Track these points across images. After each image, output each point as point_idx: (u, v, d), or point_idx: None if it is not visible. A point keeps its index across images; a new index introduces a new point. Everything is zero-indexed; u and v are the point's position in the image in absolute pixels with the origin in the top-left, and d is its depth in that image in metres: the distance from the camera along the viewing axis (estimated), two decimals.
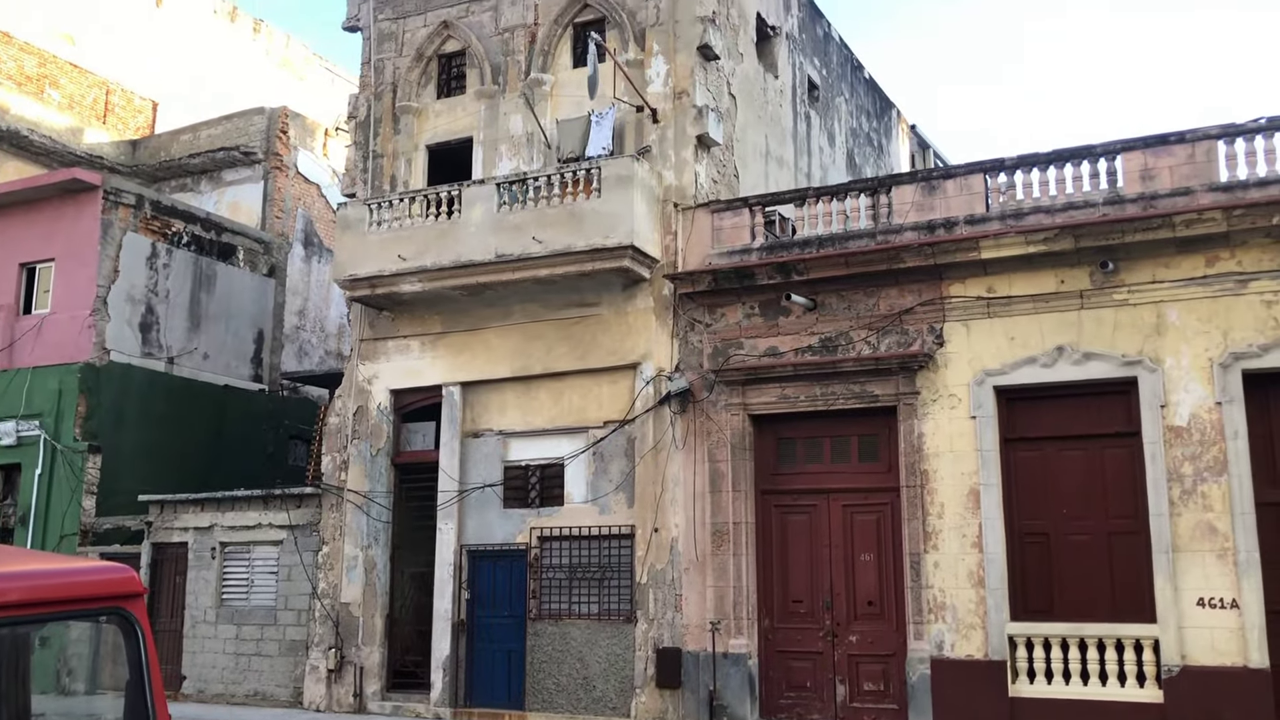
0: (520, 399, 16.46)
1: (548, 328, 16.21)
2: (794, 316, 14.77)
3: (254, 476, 20.31)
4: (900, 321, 14.16)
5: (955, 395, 13.68)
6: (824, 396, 14.42)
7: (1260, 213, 12.28)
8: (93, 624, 9.26)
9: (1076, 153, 13.66)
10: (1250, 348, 12.39)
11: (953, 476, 13.49)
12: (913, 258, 13.92)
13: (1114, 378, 12.99)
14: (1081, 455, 13.20)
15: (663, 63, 16.32)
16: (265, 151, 24.19)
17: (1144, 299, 12.94)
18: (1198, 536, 12.25)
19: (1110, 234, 12.94)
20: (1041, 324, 13.38)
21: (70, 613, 4.34)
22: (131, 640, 4.20)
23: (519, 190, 15.89)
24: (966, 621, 13.11)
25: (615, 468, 15.64)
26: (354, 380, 17.67)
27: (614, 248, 15.11)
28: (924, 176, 14.98)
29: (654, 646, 14.77)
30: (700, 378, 15.19)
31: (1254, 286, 12.48)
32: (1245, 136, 12.88)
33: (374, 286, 16.75)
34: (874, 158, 23.53)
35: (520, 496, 16.35)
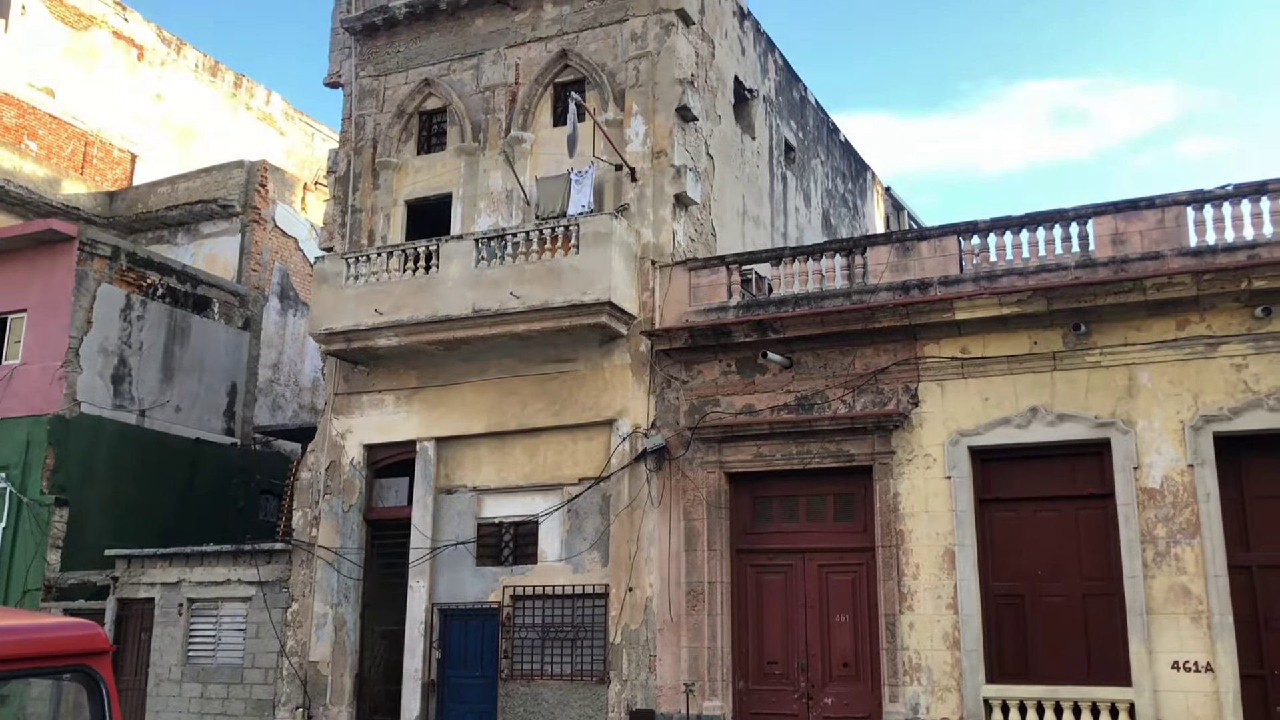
0: (495, 455, 16.37)
1: (524, 383, 16.19)
2: (770, 374, 14.81)
3: (224, 531, 20.05)
4: (876, 381, 14.22)
5: (930, 455, 13.72)
6: (800, 455, 14.43)
7: (1228, 277, 12.47)
8: (55, 681, 9.08)
9: (1049, 216, 13.86)
10: (1221, 411, 12.51)
11: (928, 537, 13.48)
12: (888, 318, 14.03)
13: (1087, 439, 13.07)
14: (1056, 516, 13.23)
15: (642, 123, 16.51)
16: (243, 205, 24.19)
17: (1116, 361, 13.07)
18: (1172, 599, 12.26)
19: (1082, 296, 13.09)
20: (1015, 385, 13.48)
21: (33, 670, 4.24)
22: (95, 698, 4.12)
23: (497, 246, 15.95)
24: (942, 684, 13.03)
25: (590, 526, 15.54)
26: (327, 435, 17.54)
27: (592, 304, 15.16)
28: (898, 238, 15.15)
29: (627, 708, 14.57)
30: (677, 435, 15.18)
31: (1223, 350, 12.63)
32: (1213, 203, 13.12)
33: (350, 340, 16.70)
34: (849, 219, 23.81)
35: (493, 554, 16.20)
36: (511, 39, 17.85)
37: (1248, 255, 12.68)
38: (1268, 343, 12.44)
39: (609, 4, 17.14)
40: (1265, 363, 12.43)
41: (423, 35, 18.59)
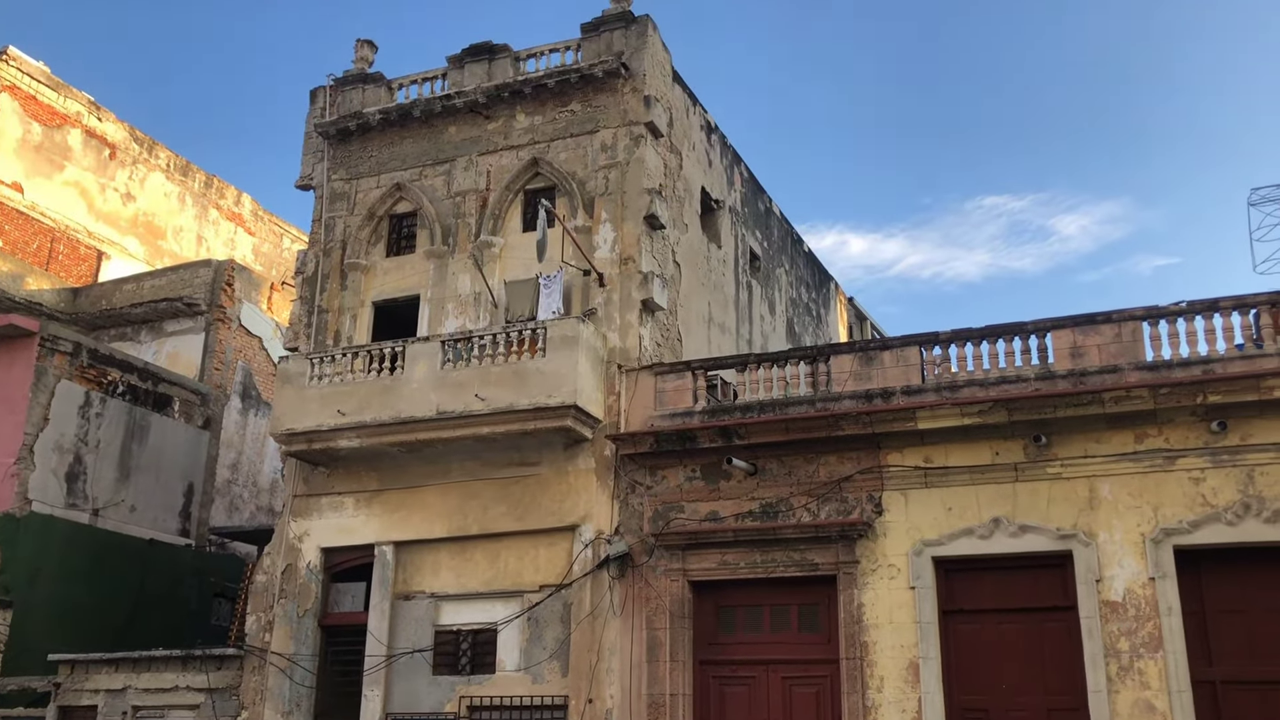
0: (455, 560, 16.13)
1: (486, 487, 16.05)
2: (735, 481, 14.78)
3: (175, 635, 19.47)
4: (840, 489, 14.23)
5: (894, 565, 13.66)
6: (764, 564, 14.33)
7: (1184, 392, 12.68)
8: None
9: (1008, 329, 14.10)
10: (1180, 524, 12.60)
11: (892, 649, 13.34)
12: (851, 425, 14.10)
13: (1050, 550, 13.09)
14: (1020, 629, 13.16)
15: (610, 230, 16.74)
16: (209, 303, 24.14)
17: (1077, 473, 13.17)
18: (1137, 714, 12.16)
19: (1042, 408, 13.24)
20: (978, 495, 13.53)
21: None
22: None
23: (464, 348, 15.97)
24: None
25: (550, 634, 15.26)
26: (284, 537, 17.24)
27: (557, 407, 15.15)
28: (861, 347, 15.32)
29: None
30: (640, 541, 15.04)
31: (1181, 463, 12.77)
32: (1167, 319, 13.41)
33: (311, 441, 16.53)
34: (813, 327, 24.10)
35: (451, 663, 15.83)
36: (484, 146, 18.16)
37: (1203, 370, 12.93)
38: (1224, 457, 12.60)
39: (580, 115, 17.52)
40: (1222, 476, 12.57)
41: (396, 141, 18.87)
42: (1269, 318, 13.05)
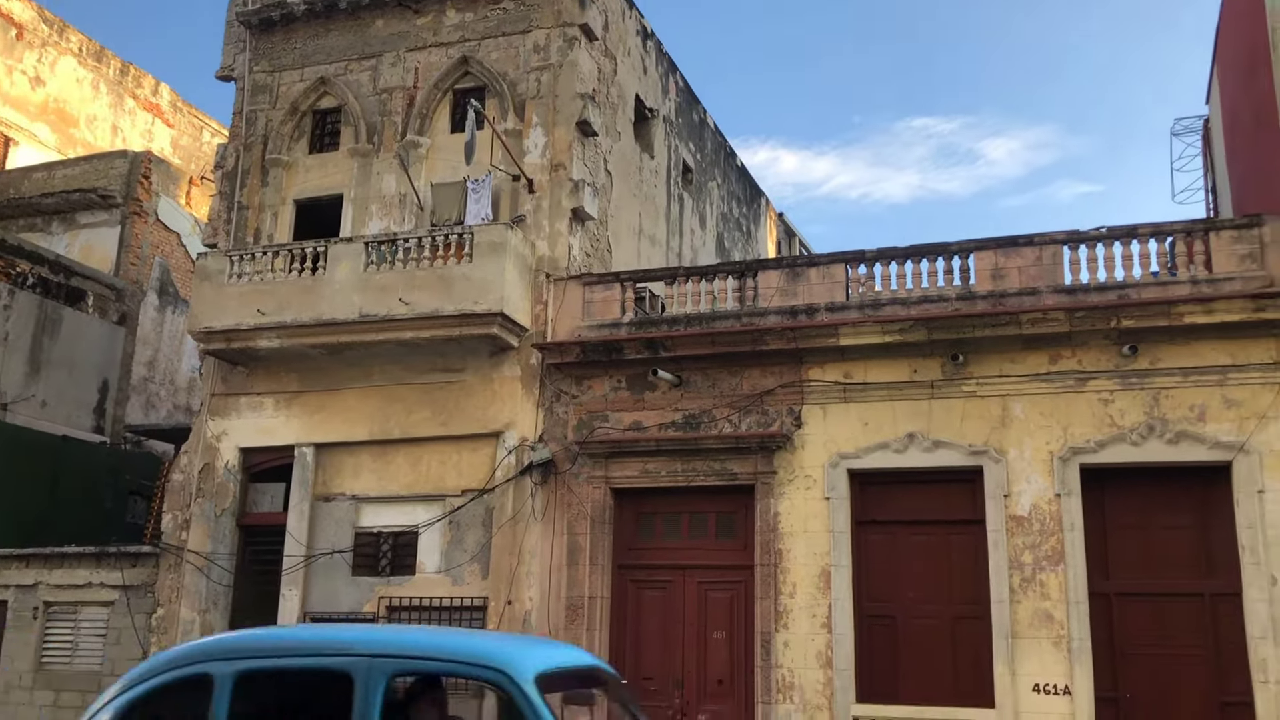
0: (376, 463, 16.09)
1: (409, 391, 15.96)
2: (660, 392, 14.89)
3: (89, 532, 19.19)
4: (761, 402, 14.42)
5: (811, 476, 13.95)
6: (685, 473, 14.53)
7: (1099, 316, 13.01)
8: None
9: (932, 249, 14.27)
10: (1088, 443, 13.02)
11: (806, 557, 13.70)
12: (776, 341, 14.25)
13: (961, 466, 13.46)
14: (929, 540, 13.58)
15: (541, 134, 16.49)
16: (125, 196, 23.37)
17: (991, 392, 13.50)
18: (1036, 624, 12.68)
19: (961, 328, 13.50)
20: (895, 411, 13.81)
21: None
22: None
23: (388, 250, 15.73)
24: (813, 702, 13.22)
25: (471, 538, 15.37)
26: (202, 436, 17.02)
27: (483, 314, 15.05)
28: (789, 263, 15.41)
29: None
30: (564, 449, 15.14)
31: (1092, 385, 13.16)
32: (1087, 244, 13.68)
33: (230, 340, 16.25)
34: (743, 242, 24.15)
35: (370, 564, 15.89)
36: (412, 42, 17.66)
37: (1118, 295, 13.25)
38: (1132, 380, 13.00)
39: (512, 14, 17.10)
40: (1130, 398, 12.99)
41: (321, 33, 18.26)
42: (1184, 246, 13.39)
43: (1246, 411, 12.53)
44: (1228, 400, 12.64)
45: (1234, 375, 12.67)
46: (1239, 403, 12.59)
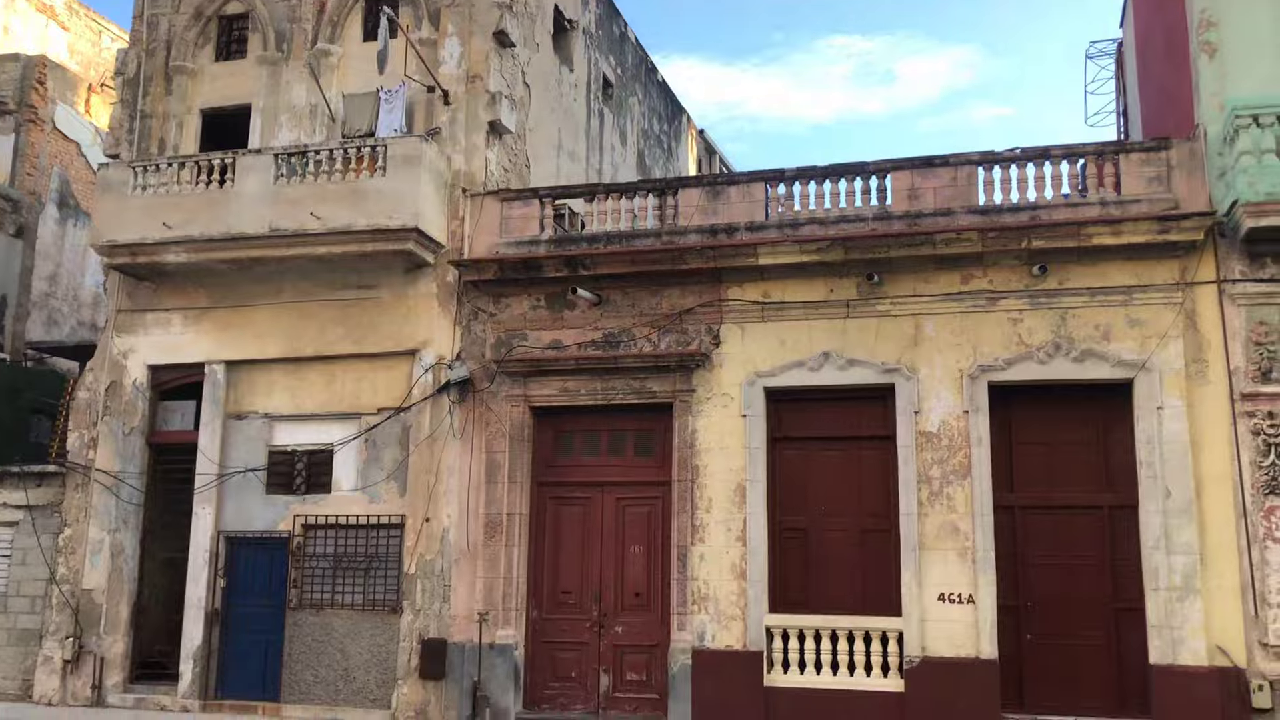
0: (290, 381, 15.84)
1: (323, 308, 15.67)
2: (579, 311, 14.84)
3: None
4: (681, 321, 14.45)
5: (728, 394, 14.09)
6: (604, 391, 14.57)
7: (1011, 236, 13.22)
8: None
9: (850, 169, 14.33)
10: (996, 361, 13.33)
11: (722, 472, 13.89)
12: (695, 259, 14.25)
13: (874, 384, 13.70)
14: (841, 456, 13.87)
15: (457, 44, 16.06)
16: (18, 103, 22.26)
17: (904, 311, 13.71)
18: (942, 535, 13.08)
19: (877, 248, 13.63)
20: (811, 330, 13.96)
21: None
22: None
23: (299, 163, 15.31)
24: (728, 613, 13.53)
25: (388, 456, 15.28)
26: (108, 353, 16.55)
27: (397, 229, 14.77)
28: (709, 182, 15.35)
29: (419, 637, 14.52)
30: (482, 367, 15.05)
31: (1002, 305, 13.43)
32: (1001, 165, 13.84)
33: (135, 255, 15.73)
34: (664, 160, 23.97)
35: (285, 482, 15.73)
36: None
37: (1029, 216, 13.47)
38: (1041, 299, 13.29)
39: None
40: (1038, 318, 13.29)
41: None
42: (1094, 168, 13.61)
43: (1149, 331, 12.91)
44: (1131, 320, 13.00)
45: (1138, 296, 13.02)
46: (1142, 322, 12.96)
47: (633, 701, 13.97)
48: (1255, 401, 12.46)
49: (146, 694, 15.48)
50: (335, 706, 14.75)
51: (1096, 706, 12.58)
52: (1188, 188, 13.19)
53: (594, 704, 14.08)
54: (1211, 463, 12.54)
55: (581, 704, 14.13)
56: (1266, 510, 12.23)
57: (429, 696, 14.36)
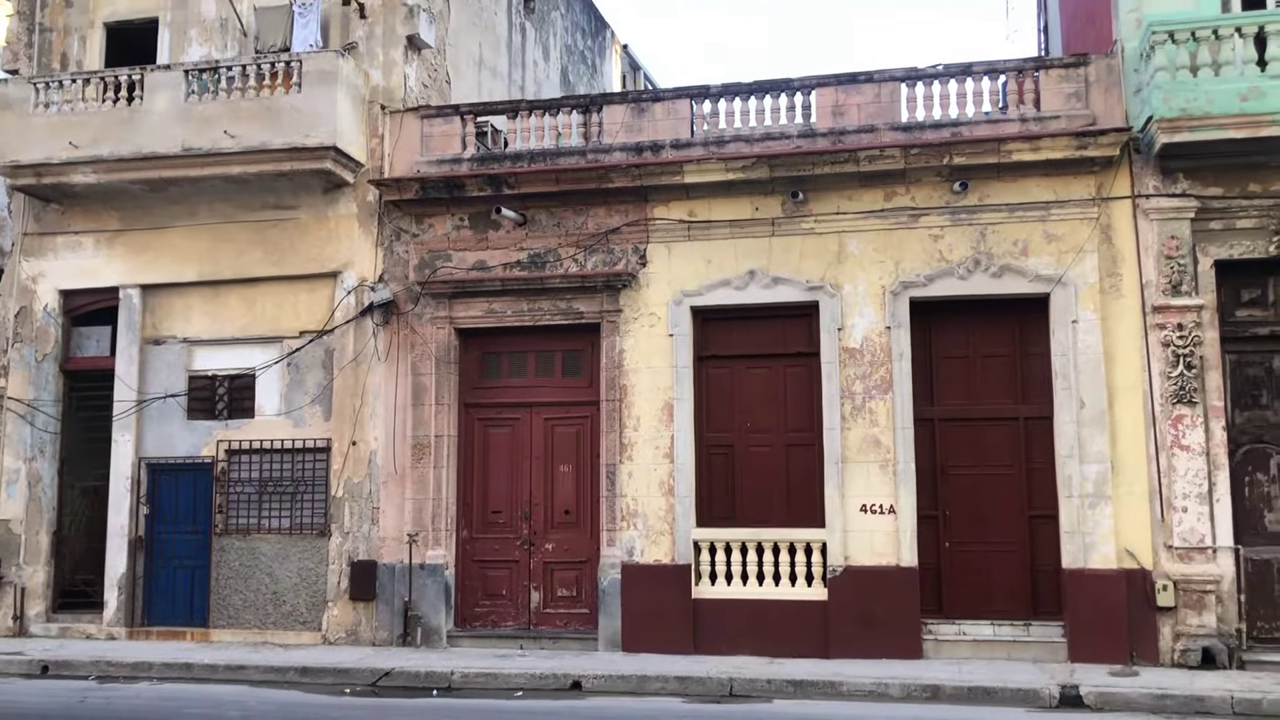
0: (208, 305, 15.51)
1: (240, 230, 15.31)
2: (504, 231, 14.69)
3: None
4: (607, 241, 14.39)
5: (655, 314, 14.12)
6: (531, 312, 14.51)
7: (933, 153, 13.32)
8: None
9: (775, 85, 14.26)
10: (918, 278, 13.51)
11: (649, 391, 13.98)
12: (621, 178, 14.14)
13: (799, 301, 13.82)
14: (767, 373, 14.02)
15: None
16: None
17: (829, 228, 13.79)
18: (864, 448, 13.35)
19: (801, 165, 13.65)
20: (737, 248, 14.00)
21: None
22: None
23: (210, 79, 14.81)
24: (656, 528, 13.73)
25: (312, 379, 15.10)
26: (16, 278, 16.03)
27: (315, 148, 14.42)
28: (634, 98, 15.18)
29: (348, 560, 14.53)
30: (405, 289, 14.87)
31: (924, 221, 13.57)
32: (925, 81, 13.88)
33: (40, 175, 15.17)
34: (588, 76, 23.63)
35: (207, 408, 15.49)
36: None
37: (951, 133, 13.56)
38: (962, 216, 13.46)
39: None
40: (959, 234, 13.47)
41: None
42: (1015, 84, 13.72)
43: (1065, 246, 13.16)
44: (1048, 235, 13.24)
45: (1056, 211, 13.25)
46: (1059, 237, 13.21)
47: (563, 617, 14.19)
48: (1165, 314, 12.82)
49: (70, 623, 15.32)
50: (265, 630, 14.74)
51: (1011, 610, 13.06)
52: (1105, 104, 13.37)
53: (525, 620, 14.27)
54: (1123, 374, 12.92)
55: (513, 620, 14.31)
56: (1174, 419, 12.66)
57: (360, 617, 14.42)
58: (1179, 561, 12.50)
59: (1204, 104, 12.30)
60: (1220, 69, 12.43)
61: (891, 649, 12.81)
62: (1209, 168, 12.83)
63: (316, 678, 12.62)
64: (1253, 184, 12.80)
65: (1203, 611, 12.36)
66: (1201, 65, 12.45)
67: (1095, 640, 12.45)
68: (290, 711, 10.93)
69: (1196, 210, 12.88)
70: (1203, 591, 12.38)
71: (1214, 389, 12.71)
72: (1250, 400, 12.92)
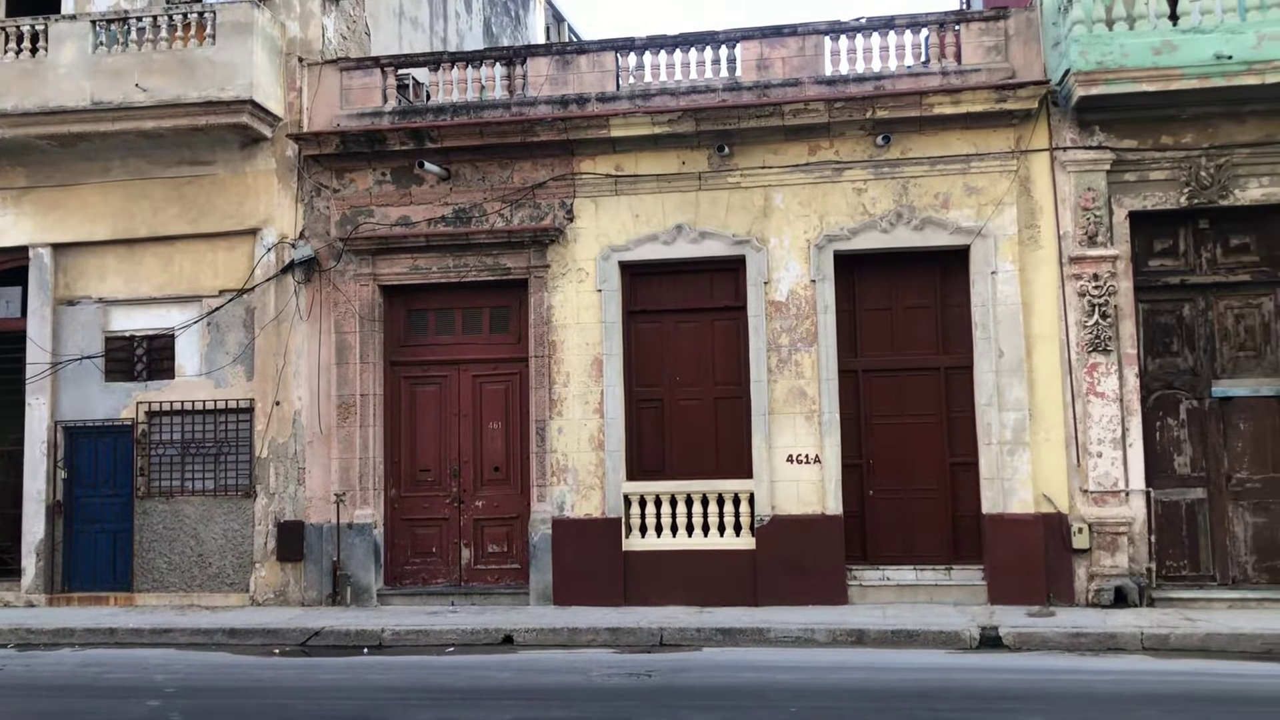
0: (124, 264, 15.11)
1: (155, 186, 14.91)
2: (427, 186, 14.50)
3: None
4: (533, 195, 14.29)
5: (583, 269, 14.08)
6: (456, 268, 14.38)
7: (857, 106, 13.41)
8: None
9: (701, 38, 14.21)
10: (842, 231, 13.65)
11: (578, 347, 13.98)
12: (546, 131, 14.02)
13: (726, 255, 13.89)
14: (695, 327, 14.11)
15: None
16: None
17: (755, 183, 13.84)
18: (790, 400, 13.52)
19: (727, 119, 13.65)
20: (664, 203, 14.00)
21: None
22: None
23: (119, 30, 14.33)
24: (587, 483, 13.79)
25: (233, 339, 14.83)
26: None
27: (231, 101, 14.06)
28: (558, 50, 15.02)
29: (275, 520, 14.38)
30: (327, 246, 14.63)
31: (848, 175, 13.69)
32: (848, 34, 13.95)
33: None
34: (511, 28, 23.30)
35: (125, 369, 15.14)
36: None
37: (874, 86, 13.66)
38: (885, 169, 13.60)
39: None
40: (882, 188, 13.61)
41: None
42: (937, 38, 13.85)
43: (985, 199, 13.38)
44: (969, 188, 13.44)
45: (976, 164, 13.44)
46: (979, 190, 13.42)
47: (494, 572, 14.23)
48: (1081, 265, 13.12)
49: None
50: (191, 593, 14.56)
51: (933, 555, 13.40)
52: (1024, 58, 13.56)
53: (455, 576, 14.28)
54: (1041, 324, 13.23)
55: (443, 577, 14.31)
56: (1089, 367, 13.01)
57: (288, 578, 14.31)
58: (1093, 505, 12.91)
59: (1119, 57, 12.54)
60: (1135, 23, 12.68)
61: (818, 595, 13.07)
62: (1124, 120, 13.11)
63: (245, 639, 12.52)
64: (1165, 136, 13.12)
65: (1115, 552, 12.80)
66: (1117, 19, 12.69)
67: (1014, 582, 12.84)
68: (218, 673, 10.84)
69: (1112, 163, 13.17)
70: (1116, 533, 12.81)
71: (1127, 337, 13.08)
72: (1162, 348, 13.32)
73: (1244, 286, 13.22)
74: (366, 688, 9.89)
